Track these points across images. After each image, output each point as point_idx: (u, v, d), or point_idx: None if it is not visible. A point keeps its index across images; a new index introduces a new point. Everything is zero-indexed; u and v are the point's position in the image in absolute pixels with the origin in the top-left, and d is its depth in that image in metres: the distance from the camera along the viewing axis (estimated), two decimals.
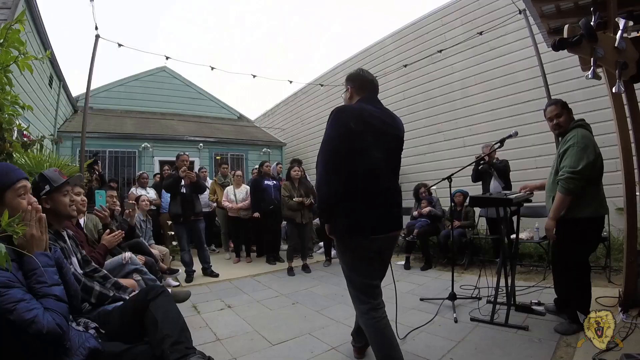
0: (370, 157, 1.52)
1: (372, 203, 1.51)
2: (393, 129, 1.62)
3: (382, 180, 1.55)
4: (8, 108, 1.54)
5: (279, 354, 2.03)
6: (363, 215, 1.50)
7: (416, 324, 2.37)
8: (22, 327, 0.86)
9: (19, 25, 1.39)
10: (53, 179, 1.52)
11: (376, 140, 1.53)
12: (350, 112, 1.55)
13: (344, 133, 1.48)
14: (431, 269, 4.13)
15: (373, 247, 1.55)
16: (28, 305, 0.89)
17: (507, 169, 4.05)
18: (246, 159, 8.98)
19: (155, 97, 9.42)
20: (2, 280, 0.90)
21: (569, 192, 2.00)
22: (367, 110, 1.57)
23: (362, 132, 1.50)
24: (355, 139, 1.49)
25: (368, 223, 1.51)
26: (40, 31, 5.06)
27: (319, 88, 8.48)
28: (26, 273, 0.98)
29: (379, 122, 1.57)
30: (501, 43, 5.21)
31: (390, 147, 1.60)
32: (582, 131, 2.08)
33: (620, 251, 3.16)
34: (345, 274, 1.68)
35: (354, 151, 1.49)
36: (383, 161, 1.56)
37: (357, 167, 1.50)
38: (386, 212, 1.56)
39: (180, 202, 3.97)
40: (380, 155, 1.54)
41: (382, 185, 1.55)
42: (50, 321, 0.91)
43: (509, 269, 2.53)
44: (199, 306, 2.96)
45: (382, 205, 1.54)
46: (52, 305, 0.95)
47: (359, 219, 1.51)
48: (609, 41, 1.64)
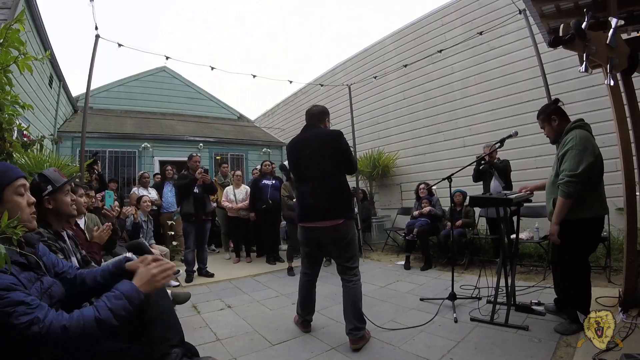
0: (297, 168, 2.33)
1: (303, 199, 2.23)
2: (315, 144, 2.21)
3: (303, 181, 2.26)
4: (8, 108, 1.54)
5: (279, 354, 2.03)
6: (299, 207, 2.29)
7: (416, 324, 2.37)
8: (19, 330, 0.86)
9: (19, 25, 1.39)
10: (54, 179, 1.52)
11: (299, 157, 2.29)
12: (288, 145, 2.39)
13: (288, 159, 2.41)
14: (431, 269, 4.13)
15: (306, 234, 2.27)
16: (27, 309, 0.88)
17: (508, 168, 4.05)
18: (246, 159, 8.98)
19: (155, 97, 9.42)
20: (5, 284, 0.89)
21: (570, 196, 2.00)
22: (297, 139, 2.35)
23: (292, 154, 2.34)
24: (290, 160, 2.37)
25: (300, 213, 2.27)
26: (40, 31, 5.06)
27: (319, 88, 8.48)
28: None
29: (301, 145, 2.29)
30: (501, 43, 5.22)
31: (307, 159, 2.23)
32: (580, 132, 2.07)
33: (620, 251, 3.16)
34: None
35: (291, 167, 2.39)
36: (302, 169, 2.28)
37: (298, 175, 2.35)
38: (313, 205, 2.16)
39: (193, 202, 4.03)
40: (300, 166, 2.29)
41: (302, 186, 2.25)
42: (54, 327, 0.89)
43: (509, 269, 2.53)
44: (199, 306, 2.96)
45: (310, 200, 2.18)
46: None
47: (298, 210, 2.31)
48: (601, 38, 1.76)
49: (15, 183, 1.07)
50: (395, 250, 5.52)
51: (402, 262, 4.45)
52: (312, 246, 2.32)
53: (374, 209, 6.79)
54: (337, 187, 2.18)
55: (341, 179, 2.23)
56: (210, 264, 4.36)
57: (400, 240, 5.39)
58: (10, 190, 1.06)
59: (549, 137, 2.31)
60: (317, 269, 2.42)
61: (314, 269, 2.40)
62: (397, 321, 2.47)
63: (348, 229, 2.18)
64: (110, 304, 1.00)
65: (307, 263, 2.40)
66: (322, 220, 2.14)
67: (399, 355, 1.96)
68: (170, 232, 5.23)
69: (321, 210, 2.14)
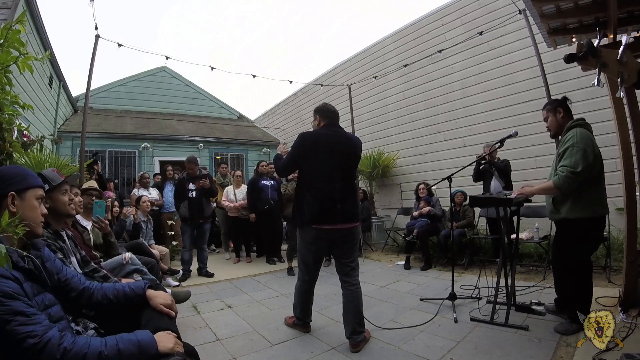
0: (318, 166, 2.13)
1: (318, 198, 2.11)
2: (343, 147, 2.16)
3: (327, 182, 2.11)
4: (8, 108, 1.54)
5: (279, 354, 2.03)
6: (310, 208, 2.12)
7: (416, 324, 2.37)
8: (16, 341, 0.85)
9: (20, 26, 1.38)
10: (51, 178, 1.52)
11: (326, 155, 2.12)
12: (308, 137, 2.16)
13: (300, 152, 2.16)
14: (431, 269, 4.13)
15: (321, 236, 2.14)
16: (26, 319, 0.87)
17: (508, 168, 4.05)
18: (246, 159, 8.98)
19: (155, 97, 9.42)
20: (6, 291, 0.88)
21: (561, 189, 2.03)
22: (322, 134, 2.17)
23: (315, 150, 2.13)
24: (307, 154, 2.14)
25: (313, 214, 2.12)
26: (40, 31, 5.06)
27: (319, 88, 8.48)
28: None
29: (329, 142, 2.14)
30: (501, 43, 5.22)
31: (335, 160, 2.13)
32: (581, 131, 2.07)
33: (620, 251, 3.16)
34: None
35: (307, 163, 2.15)
36: (329, 169, 2.12)
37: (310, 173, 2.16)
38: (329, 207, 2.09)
39: (190, 206, 4.03)
40: (327, 165, 2.11)
41: (327, 186, 2.10)
42: (52, 344, 0.87)
43: (509, 269, 2.53)
44: (199, 306, 2.96)
45: (326, 200, 2.09)
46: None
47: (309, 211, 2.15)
48: (612, 55, 1.88)
49: (38, 190, 1.13)
50: (395, 251, 5.52)
51: (402, 262, 4.45)
52: (322, 246, 2.21)
53: (374, 209, 6.79)
54: (356, 190, 2.29)
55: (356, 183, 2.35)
56: (210, 264, 4.36)
57: (400, 241, 5.39)
58: (33, 193, 1.10)
59: (550, 129, 2.31)
60: (317, 273, 2.34)
61: (314, 273, 2.31)
62: (397, 321, 2.47)
63: (359, 230, 2.36)
64: (122, 344, 0.97)
65: (309, 268, 2.27)
66: (343, 223, 2.11)
67: (399, 355, 1.96)
68: (170, 232, 5.24)
69: (347, 214, 2.11)
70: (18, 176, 1.09)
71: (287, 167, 2.29)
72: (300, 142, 2.15)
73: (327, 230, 2.11)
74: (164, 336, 1.08)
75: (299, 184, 2.24)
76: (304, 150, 2.14)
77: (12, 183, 1.06)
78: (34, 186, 1.12)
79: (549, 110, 2.29)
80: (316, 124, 2.29)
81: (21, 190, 1.07)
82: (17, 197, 1.05)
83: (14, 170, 1.15)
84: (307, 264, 2.27)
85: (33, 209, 1.09)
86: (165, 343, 1.05)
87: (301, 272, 2.33)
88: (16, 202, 1.04)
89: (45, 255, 1.16)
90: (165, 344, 1.04)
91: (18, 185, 1.06)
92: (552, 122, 2.28)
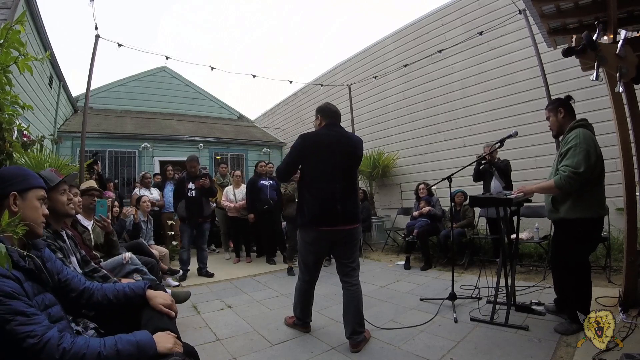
0: (319, 166, 2.12)
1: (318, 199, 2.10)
2: (344, 147, 2.15)
3: (328, 182, 2.09)
4: (8, 108, 1.54)
5: (279, 354, 2.03)
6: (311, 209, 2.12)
7: (416, 324, 2.37)
8: (15, 340, 0.85)
9: (19, 26, 1.38)
10: (50, 178, 1.52)
11: (327, 155, 2.11)
12: (308, 138, 2.16)
13: (299, 154, 2.15)
14: (431, 269, 4.13)
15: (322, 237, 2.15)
16: (26, 319, 0.87)
17: (509, 168, 4.05)
18: (246, 159, 8.98)
19: (155, 97, 9.42)
20: (7, 290, 0.88)
21: (561, 188, 2.03)
22: (323, 134, 2.16)
23: (315, 150, 2.12)
24: (308, 155, 2.13)
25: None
26: (40, 31, 5.06)
27: (319, 88, 8.48)
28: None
29: (329, 142, 2.12)
30: (501, 43, 5.22)
31: (336, 160, 2.11)
32: (584, 132, 2.06)
33: (620, 251, 3.16)
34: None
35: (308, 163, 2.15)
36: (330, 169, 2.11)
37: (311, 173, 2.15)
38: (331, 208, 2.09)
39: (188, 205, 4.02)
40: (328, 165, 2.10)
41: (328, 186, 2.09)
42: (51, 344, 0.88)
43: (509, 269, 2.53)
44: (199, 306, 2.97)
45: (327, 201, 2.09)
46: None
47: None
48: (611, 49, 1.86)
49: (40, 191, 1.14)
50: (395, 251, 5.52)
51: (402, 262, 4.45)
52: (322, 247, 2.21)
53: (374, 209, 6.79)
54: (357, 191, 2.26)
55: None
56: (210, 264, 4.37)
57: (400, 241, 5.39)
58: (34, 193, 1.11)
59: (552, 129, 2.32)
60: (318, 274, 2.33)
61: (314, 274, 2.30)
62: (397, 321, 2.47)
63: (360, 231, 2.32)
64: (121, 345, 0.97)
65: (309, 268, 2.27)
66: (344, 224, 2.11)
67: (399, 355, 1.96)
68: (171, 232, 5.24)
69: (348, 215, 2.11)
70: (20, 176, 1.09)
71: (285, 170, 2.28)
72: (300, 143, 2.14)
73: (327, 232, 2.11)
74: (163, 336, 1.07)
75: (300, 184, 2.24)
76: (304, 152, 2.14)
77: (14, 183, 1.06)
78: (35, 187, 1.12)
79: (551, 110, 2.29)
80: (317, 123, 2.29)
81: (23, 190, 1.07)
82: (19, 197, 1.05)
83: (15, 170, 1.15)
84: (308, 265, 2.27)
85: (34, 209, 1.09)
86: (164, 343, 1.05)
87: (301, 272, 2.34)
88: (18, 202, 1.04)
89: (46, 255, 1.17)
90: (164, 344, 1.04)
91: (20, 186, 1.07)
92: (553, 122, 2.28)
